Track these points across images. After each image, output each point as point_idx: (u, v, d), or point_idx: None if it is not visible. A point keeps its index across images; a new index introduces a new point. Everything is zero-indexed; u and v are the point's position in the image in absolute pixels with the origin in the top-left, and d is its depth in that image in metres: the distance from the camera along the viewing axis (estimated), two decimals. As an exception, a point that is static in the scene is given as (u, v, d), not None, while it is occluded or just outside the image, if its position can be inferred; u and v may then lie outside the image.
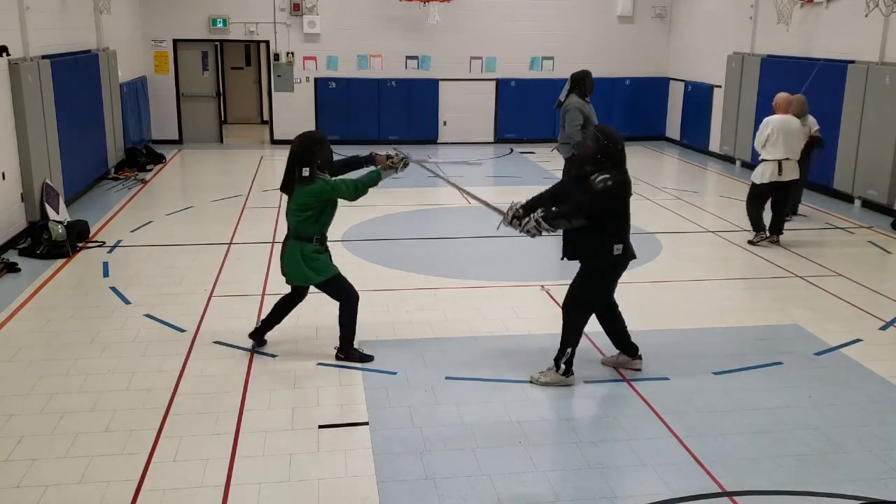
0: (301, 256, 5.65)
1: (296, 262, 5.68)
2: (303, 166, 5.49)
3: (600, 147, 5.25)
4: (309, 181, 5.51)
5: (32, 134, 9.18)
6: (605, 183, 5.14)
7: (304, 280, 5.77)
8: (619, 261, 5.35)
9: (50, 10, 10.48)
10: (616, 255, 5.29)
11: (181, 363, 5.81)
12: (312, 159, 5.51)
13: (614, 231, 5.29)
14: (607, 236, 5.26)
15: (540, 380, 5.52)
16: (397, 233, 9.61)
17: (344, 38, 16.09)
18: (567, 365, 5.50)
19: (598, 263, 5.36)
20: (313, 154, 5.52)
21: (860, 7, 10.73)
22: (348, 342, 5.90)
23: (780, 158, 8.82)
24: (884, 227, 10.06)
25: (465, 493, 4.25)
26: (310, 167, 5.49)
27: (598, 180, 5.17)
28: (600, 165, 5.24)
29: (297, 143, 5.59)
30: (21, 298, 7.14)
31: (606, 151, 5.24)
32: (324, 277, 5.73)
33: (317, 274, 5.71)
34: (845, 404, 5.31)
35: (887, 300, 7.35)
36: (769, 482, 4.40)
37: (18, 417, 4.98)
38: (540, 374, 5.56)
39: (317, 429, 4.89)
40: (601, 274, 5.41)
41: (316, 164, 5.53)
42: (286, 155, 5.62)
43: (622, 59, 16.95)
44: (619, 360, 5.82)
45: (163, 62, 15.93)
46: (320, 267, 5.71)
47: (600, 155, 5.24)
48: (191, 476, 4.37)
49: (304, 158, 5.50)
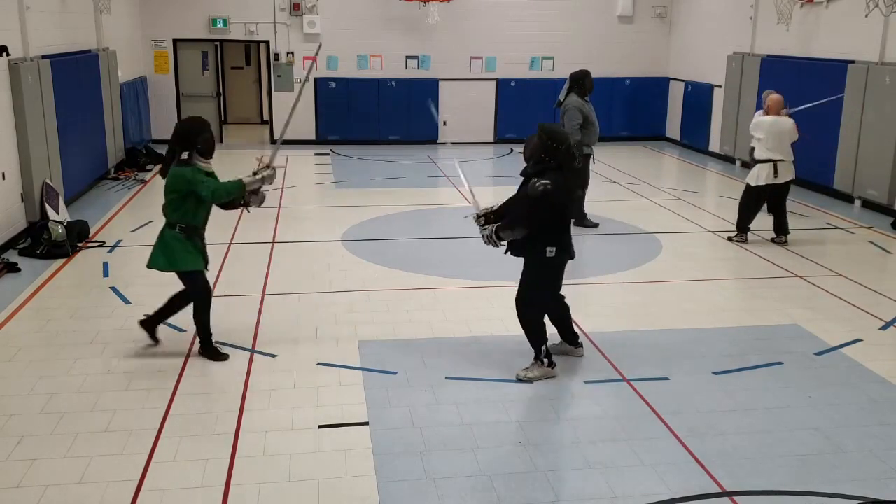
0: (161, 240, 5.68)
1: (156, 245, 5.72)
2: (182, 150, 5.56)
3: (544, 147, 5.23)
4: (184, 164, 5.54)
5: (32, 134, 9.18)
6: (545, 187, 5.13)
7: (154, 264, 5.71)
8: (554, 262, 5.37)
9: (50, 10, 10.48)
10: (549, 257, 5.31)
11: (181, 363, 5.81)
12: (192, 144, 5.54)
13: (548, 233, 5.29)
14: (538, 239, 5.28)
15: (527, 375, 5.58)
16: (397, 233, 9.61)
17: (344, 39, 16.10)
18: (547, 358, 5.60)
19: (535, 263, 5.41)
20: (193, 138, 5.55)
21: (860, 7, 10.74)
22: (204, 339, 5.89)
23: (776, 160, 8.86)
24: (884, 227, 10.06)
25: (465, 493, 4.25)
26: (189, 151, 5.54)
27: (538, 185, 5.15)
28: (544, 165, 5.23)
29: (178, 127, 5.65)
30: (21, 298, 7.14)
31: (550, 151, 5.22)
32: (174, 268, 5.70)
33: (168, 262, 5.67)
34: (845, 404, 5.31)
35: (887, 300, 7.35)
36: (769, 482, 4.40)
37: (18, 417, 4.98)
38: (524, 371, 5.61)
39: (317, 429, 4.89)
40: (540, 273, 5.45)
41: (195, 148, 5.56)
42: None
43: (622, 59, 16.95)
44: (561, 348, 5.93)
45: (163, 62, 15.93)
46: (175, 257, 5.66)
47: (544, 154, 5.23)
48: (191, 476, 4.37)
49: (184, 142, 5.55)
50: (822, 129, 11.78)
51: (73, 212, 9.94)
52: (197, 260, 5.75)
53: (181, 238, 5.66)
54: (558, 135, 5.29)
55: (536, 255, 5.35)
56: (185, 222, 5.66)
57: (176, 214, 5.63)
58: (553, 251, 5.30)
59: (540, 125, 5.38)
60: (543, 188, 5.13)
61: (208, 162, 5.68)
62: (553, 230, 5.31)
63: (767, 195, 9.12)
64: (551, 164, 5.22)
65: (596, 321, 6.74)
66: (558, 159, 5.23)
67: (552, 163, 5.22)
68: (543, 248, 5.30)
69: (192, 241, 5.72)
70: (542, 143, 5.24)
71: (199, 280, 5.81)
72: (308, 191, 12.27)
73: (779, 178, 8.90)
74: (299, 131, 16.31)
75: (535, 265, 5.44)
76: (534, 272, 5.48)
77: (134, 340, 6.19)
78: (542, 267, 5.41)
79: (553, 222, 5.30)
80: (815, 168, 12.03)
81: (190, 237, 5.69)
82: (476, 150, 16.03)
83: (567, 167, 5.30)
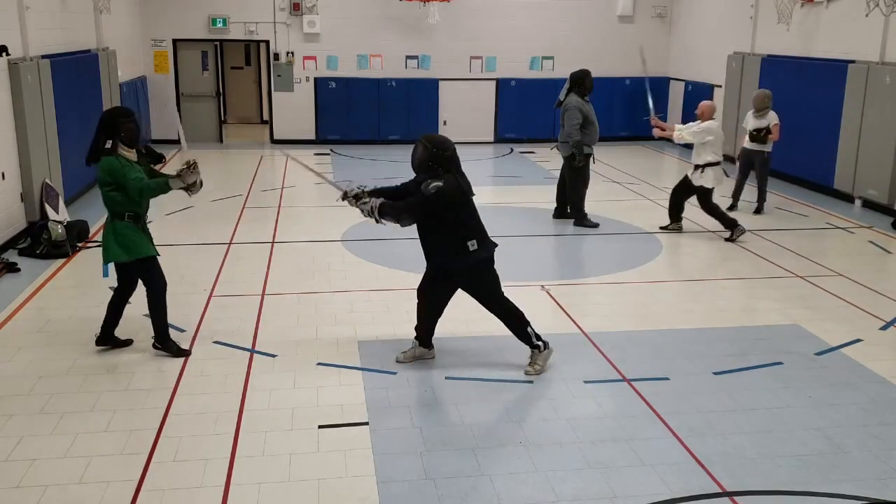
0: (113, 233, 5.69)
1: (107, 238, 5.72)
2: (106, 138, 5.56)
3: (431, 154, 5.39)
4: (109, 154, 5.55)
5: (32, 134, 9.18)
6: (438, 189, 5.30)
7: (113, 256, 5.72)
8: (482, 254, 5.48)
9: (50, 10, 10.48)
10: (473, 250, 5.43)
11: (181, 363, 5.81)
12: (116, 132, 5.54)
13: (465, 229, 5.44)
14: (459, 237, 5.43)
15: (535, 367, 5.67)
16: (397, 233, 9.58)
17: (344, 38, 16.10)
18: (540, 340, 5.71)
19: (470, 261, 5.46)
20: (117, 127, 5.55)
21: (860, 7, 10.73)
22: (162, 331, 5.89)
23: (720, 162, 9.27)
24: (884, 227, 10.06)
25: (465, 493, 4.25)
26: (112, 140, 5.54)
27: (430, 186, 5.32)
28: (434, 172, 5.39)
29: (103, 116, 5.68)
30: (21, 298, 7.14)
31: (437, 158, 5.39)
32: (133, 257, 5.72)
33: (126, 252, 5.69)
34: (845, 404, 5.31)
35: (887, 300, 7.35)
36: (769, 482, 4.40)
37: (18, 417, 4.98)
38: (531, 367, 5.68)
39: (317, 429, 4.89)
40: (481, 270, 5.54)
41: (119, 137, 5.55)
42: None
43: (622, 59, 16.93)
44: (416, 353, 5.92)
45: (163, 62, 15.93)
46: (131, 245, 5.69)
47: (431, 162, 5.39)
48: (191, 476, 4.37)
49: (108, 130, 5.56)
50: (822, 129, 11.79)
51: (72, 212, 9.94)
52: (151, 246, 5.83)
53: (132, 226, 5.71)
54: (442, 142, 5.48)
55: (463, 254, 5.43)
56: (132, 210, 5.70)
57: (121, 206, 5.66)
58: (474, 243, 5.43)
59: (423, 136, 5.59)
60: (436, 189, 5.30)
61: (132, 151, 5.65)
62: (466, 224, 5.45)
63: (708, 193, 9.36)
64: (440, 171, 5.39)
65: (596, 321, 6.74)
66: (446, 164, 5.41)
67: (440, 169, 5.39)
68: (465, 244, 5.42)
69: (142, 227, 5.81)
70: (427, 152, 5.40)
71: (153, 267, 5.84)
72: (308, 191, 12.26)
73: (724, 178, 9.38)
74: (299, 131, 16.34)
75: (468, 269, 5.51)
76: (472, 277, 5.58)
77: (134, 340, 6.19)
78: (477, 264, 5.49)
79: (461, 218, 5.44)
80: (815, 168, 12.05)
81: (137, 224, 5.75)
82: (476, 150, 16.02)
83: (456, 170, 5.45)
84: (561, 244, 9.60)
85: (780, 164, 12.72)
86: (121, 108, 5.83)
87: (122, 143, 5.58)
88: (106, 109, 5.82)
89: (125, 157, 5.61)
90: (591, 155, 9.88)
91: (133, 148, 5.66)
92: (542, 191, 11.76)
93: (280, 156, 14.87)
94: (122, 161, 5.57)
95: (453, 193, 5.37)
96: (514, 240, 9.21)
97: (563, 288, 7.48)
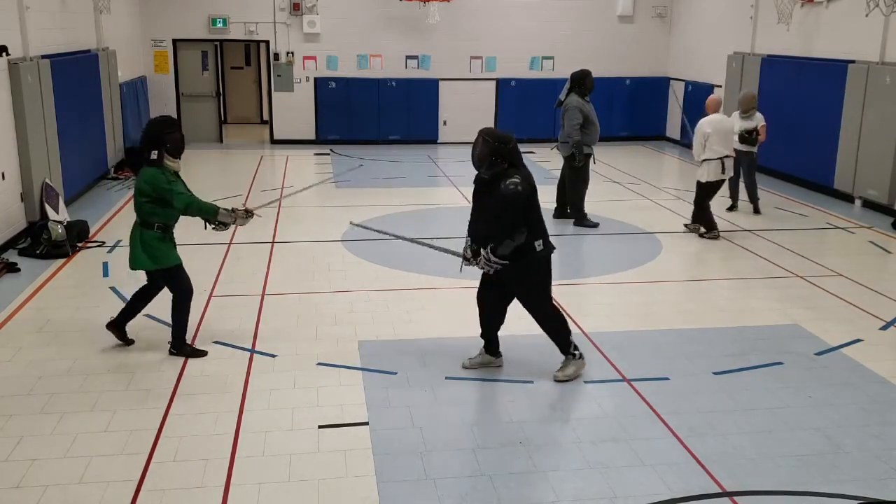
0: (140, 242, 5.73)
1: (135, 246, 5.77)
2: (151, 149, 5.60)
3: (493, 149, 5.26)
4: (155, 164, 5.60)
5: (32, 134, 9.18)
6: (516, 187, 5.18)
7: (139, 265, 5.80)
8: (543, 254, 5.38)
9: (50, 10, 10.48)
10: (539, 251, 5.33)
11: (181, 363, 5.81)
12: (161, 143, 5.59)
13: (533, 229, 5.30)
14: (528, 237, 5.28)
15: (565, 374, 5.56)
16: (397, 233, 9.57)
17: (344, 38, 16.09)
18: (576, 349, 5.61)
19: (529, 264, 5.36)
20: (162, 138, 5.60)
21: (860, 7, 10.73)
22: (179, 336, 5.94)
23: (723, 156, 9.18)
24: (884, 227, 10.06)
25: (465, 493, 4.25)
26: (158, 151, 5.59)
27: (508, 185, 5.19)
28: (497, 166, 5.26)
29: (147, 127, 5.74)
30: (21, 298, 7.14)
31: (500, 152, 5.26)
32: (160, 266, 5.80)
33: (153, 261, 5.76)
34: (845, 404, 5.31)
35: (887, 300, 7.35)
36: (769, 482, 4.40)
37: (18, 417, 4.98)
38: (560, 372, 5.59)
39: (317, 429, 4.89)
40: (535, 271, 5.43)
41: (165, 147, 5.60)
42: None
43: (622, 59, 16.95)
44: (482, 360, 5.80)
45: (163, 62, 15.93)
46: (159, 255, 5.76)
47: (494, 157, 5.26)
48: (191, 476, 4.37)
49: (153, 142, 5.61)
50: (822, 129, 11.79)
51: (72, 212, 9.94)
52: (176, 254, 5.89)
53: (160, 237, 5.76)
54: (503, 135, 5.35)
55: (525, 256, 5.30)
56: (162, 222, 5.75)
57: (154, 216, 5.71)
58: (541, 243, 5.33)
59: (481, 130, 5.44)
60: (514, 187, 5.18)
61: (176, 161, 5.72)
62: (534, 223, 5.33)
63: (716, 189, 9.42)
64: (503, 165, 5.27)
65: (596, 321, 6.74)
66: (510, 158, 5.29)
67: (504, 163, 5.27)
68: (532, 244, 5.30)
69: (170, 237, 5.87)
70: (489, 147, 5.26)
71: (181, 274, 5.91)
72: (308, 191, 12.26)
73: (725, 174, 9.29)
74: (299, 131, 16.34)
75: (528, 267, 5.39)
76: (528, 276, 5.44)
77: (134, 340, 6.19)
78: (535, 265, 5.39)
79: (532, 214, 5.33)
80: (815, 168, 12.05)
81: (165, 234, 5.82)
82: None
83: (518, 163, 5.33)
84: (561, 244, 9.53)
85: (780, 164, 12.75)
86: (166, 119, 5.82)
87: (168, 153, 5.63)
88: (150, 120, 5.83)
89: (170, 169, 5.66)
90: (591, 155, 9.88)
91: (178, 158, 5.72)
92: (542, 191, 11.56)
93: (280, 156, 14.87)
94: (168, 175, 5.63)
95: (530, 188, 5.27)
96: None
97: (564, 288, 7.47)
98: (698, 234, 9.47)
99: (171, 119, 5.86)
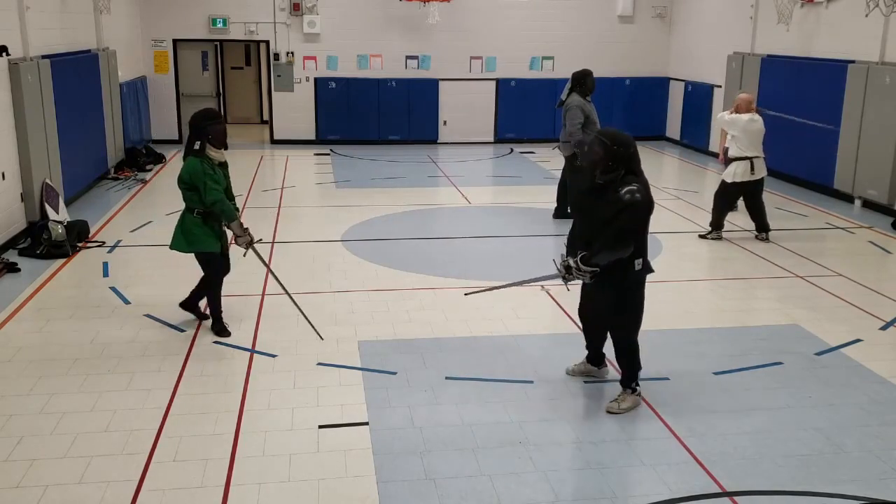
0: (181, 225, 6.11)
1: (176, 228, 6.15)
2: (195, 140, 5.93)
3: (611, 153, 4.78)
4: (197, 154, 5.92)
5: (32, 134, 9.18)
6: (633, 196, 4.71)
7: (175, 246, 6.15)
8: (640, 276, 4.99)
9: (50, 10, 10.48)
10: (637, 270, 4.92)
11: (181, 363, 5.81)
12: (204, 134, 5.90)
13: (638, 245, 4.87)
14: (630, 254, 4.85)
15: (620, 407, 5.14)
16: (397, 233, 9.60)
17: (344, 38, 16.09)
18: (638, 384, 5.24)
19: (623, 283, 4.95)
20: (205, 129, 5.90)
21: (860, 7, 10.74)
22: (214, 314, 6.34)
23: (752, 156, 9.00)
24: (884, 227, 10.06)
25: (465, 493, 4.25)
26: (201, 141, 5.89)
27: (624, 193, 4.71)
28: (615, 172, 4.81)
29: (192, 119, 6.02)
30: (21, 298, 7.14)
31: (619, 157, 4.79)
32: (194, 250, 6.13)
33: (188, 244, 6.10)
34: (845, 404, 5.31)
35: (887, 300, 7.35)
36: (769, 482, 4.40)
37: (18, 417, 4.98)
38: (614, 403, 5.19)
39: (317, 429, 4.89)
40: (628, 293, 5.01)
41: (207, 139, 5.91)
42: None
43: (622, 59, 16.95)
44: (584, 369, 5.68)
45: (163, 62, 15.93)
46: (194, 240, 6.08)
47: (612, 162, 4.79)
48: (191, 476, 4.37)
49: (196, 133, 5.92)
50: (822, 130, 11.79)
51: (73, 212, 9.94)
52: (213, 243, 6.14)
53: (199, 222, 6.07)
54: (623, 139, 4.83)
55: (621, 273, 4.87)
56: (202, 208, 6.04)
57: (194, 203, 6.04)
58: (640, 263, 4.89)
59: (600, 131, 5.04)
60: (631, 196, 4.68)
61: (220, 151, 6.03)
62: (639, 243, 4.86)
63: (743, 192, 9.25)
64: (620, 170, 4.79)
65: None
66: (629, 164, 4.80)
67: (621, 169, 4.78)
68: (631, 262, 4.84)
69: (210, 224, 6.13)
70: (607, 150, 4.77)
71: (212, 262, 6.22)
72: (308, 191, 12.27)
73: (755, 175, 9.04)
74: (299, 131, 16.34)
75: (622, 286, 4.96)
76: (623, 295, 5.01)
77: (134, 340, 6.20)
78: (632, 284, 4.96)
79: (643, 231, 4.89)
80: (815, 168, 12.05)
81: (207, 221, 6.10)
82: (476, 150, 16.03)
83: (637, 170, 4.85)
84: (561, 244, 9.56)
85: (780, 164, 12.73)
86: (208, 111, 6.06)
87: (211, 143, 5.94)
88: (195, 112, 6.06)
89: (211, 159, 5.96)
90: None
91: (221, 148, 6.01)
92: (542, 191, 11.76)
93: (280, 156, 14.86)
94: (206, 166, 5.92)
95: (650, 201, 4.77)
96: (514, 240, 9.21)
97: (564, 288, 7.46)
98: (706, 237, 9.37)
99: (213, 111, 6.14)
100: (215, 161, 6.03)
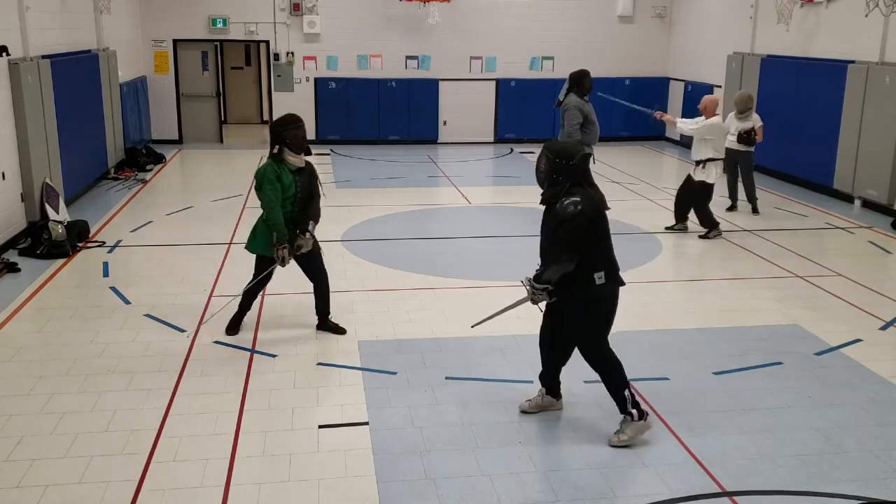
0: (256, 225, 6.18)
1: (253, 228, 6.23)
2: (273, 144, 5.99)
3: (554, 166, 4.68)
4: (275, 159, 5.98)
5: (32, 134, 9.18)
6: (574, 207, 4.53)
7: (247, 244, 6.27)
8: (603, 291, 4.67)
9: (50, 10, 10.48)
10: (599, 284, 4.63)
11: (181, 363, 5.81)
12: (281, 139, 5.93)
13: (590, 259, 4.62)
14: (581, 267, 4.61)
15: (620, 439, 4.73)
16: (397, 233, 9.60)
17: (344, 38, 16.10)
18: (636, 408, 4.76)
19: (585, 298, 4.69)
20: (283, 134, 5.94)
21: (860, 7, 10.74)
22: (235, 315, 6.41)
23: (722, 157, 9.40)
24: (884, 227, 10.06)
25: (465, 493, 4.25)
26: (279, 146, 5.94)
27: (566, 204, 4.56)
28: (560, 186, 4.67)
29: (272, 124, 6.13)
30: (21, 298, 7.14)
31: (562, 169, 4.66)
32: (253, 250, 6.22)
33: (251, 245, 6.20)
34: (845, 404, 5.31)
35: (887, 300, 7.35)
36: (769, 482, 4.40)
37: (18, 417, 4.98)
38: (615, 436, 4.77)
39: (317, 429, 4.89)
40: (590, 308, 4.72)
41: (286, 144, 5.94)
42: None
43: (622, 59, 16.95)
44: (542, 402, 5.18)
45: (163, 62, 15.93)
46: (256, 241, 6.16)
47: (556, 174, 4.68)
48: (191, 476, 4.37)
49: (275, 137, 5.98)
50: (822, 129, 11.79)
51: (73, 212, 9.94)
52: (270, 248, 6.09)
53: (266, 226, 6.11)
54: (566, 151, 4.72)
55: (582, 289, 4.65)
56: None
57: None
58: (602, 276, 4.62)
59: (545, 145, 4.86)
60: (574, 207, 4.53)
61: (299, 156, 6.02)
62: (595, 252, 4.64)
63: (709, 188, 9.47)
64: (566, 183, 4.65)
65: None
66: (573, 175, 4.67)
67: (566, 181, 4.66)
68: (591, 277, 4.61)
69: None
70: (550, 163, 4.68)
71: (262, 265, 6.23)
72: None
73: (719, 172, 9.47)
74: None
75: (585, 301, 4.69)
76: (585, 311, 4.73)
77: (134, 340, 6.20)
78: (591, 302, 4.69)
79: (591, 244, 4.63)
80: (815, 168, 12.05)
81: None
82: (476, 150, 16.03)
83: (586, 182, 4.72)
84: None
85: (780, 164, 12.75)
86: (288, 117, 6.06)
87: (289, 148, 5.96)
88: (276, 118, 6.12)
89: (287, 164, 5.96)
90: (591, 155, 9.86)
91: (300, 153, 6.02)
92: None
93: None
94: (276, 170, 5.92)
95: (593, 211, 4.58)
96: (514, 240, 9.20)
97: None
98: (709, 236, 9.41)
99: (293, 116, 6.11)
100: (293, 166, 5.97)
